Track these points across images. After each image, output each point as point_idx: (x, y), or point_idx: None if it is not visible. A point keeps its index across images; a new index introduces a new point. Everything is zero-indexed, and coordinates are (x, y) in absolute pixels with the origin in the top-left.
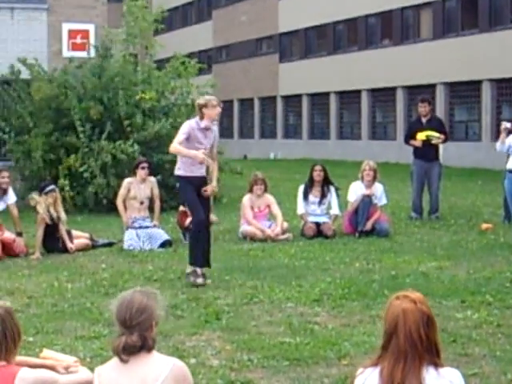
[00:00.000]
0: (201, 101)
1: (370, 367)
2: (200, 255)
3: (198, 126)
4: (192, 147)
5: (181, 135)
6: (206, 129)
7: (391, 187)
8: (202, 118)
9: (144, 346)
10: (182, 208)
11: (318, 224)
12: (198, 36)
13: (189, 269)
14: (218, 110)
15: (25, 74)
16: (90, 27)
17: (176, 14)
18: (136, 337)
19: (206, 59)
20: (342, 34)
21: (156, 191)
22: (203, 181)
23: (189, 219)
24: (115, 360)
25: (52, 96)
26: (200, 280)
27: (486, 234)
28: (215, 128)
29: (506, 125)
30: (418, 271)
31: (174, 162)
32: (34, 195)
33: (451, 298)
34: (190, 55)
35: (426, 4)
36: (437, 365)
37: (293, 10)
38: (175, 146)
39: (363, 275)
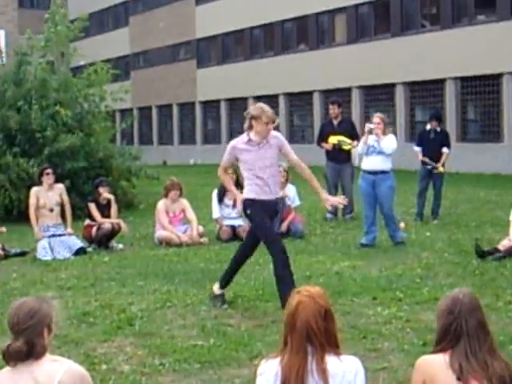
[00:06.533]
0: (253, 111)
1: (271, 359)
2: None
3: (244, 141)
4: (250, 168)
5: (225, 158)
6: (258, 143)
7: (306, 189)
8: (251, 129)
9: (31, 353)
10: (87, 222)
11: (233, 227)
12: (116, 42)
13: (218, 291)
14: (269, 128)
15: None
16: (1, 33)
17: (93, 20)
18: (21, 342)
19: (124, 66)
20: (258, 39)
21: (65, 197)
22: (275, 204)
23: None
24: (8, 367)
25: None
26: (225, 305)
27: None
28: (277, 134)
29: (369, 126)
30: (331, 271)
31: (87, 169)
32: None
33: (363, 296)
34: (107, 61)
35: (339, 9)
36: (337, 354)
37: (210, 16)
38: (220, 174)
39: None
